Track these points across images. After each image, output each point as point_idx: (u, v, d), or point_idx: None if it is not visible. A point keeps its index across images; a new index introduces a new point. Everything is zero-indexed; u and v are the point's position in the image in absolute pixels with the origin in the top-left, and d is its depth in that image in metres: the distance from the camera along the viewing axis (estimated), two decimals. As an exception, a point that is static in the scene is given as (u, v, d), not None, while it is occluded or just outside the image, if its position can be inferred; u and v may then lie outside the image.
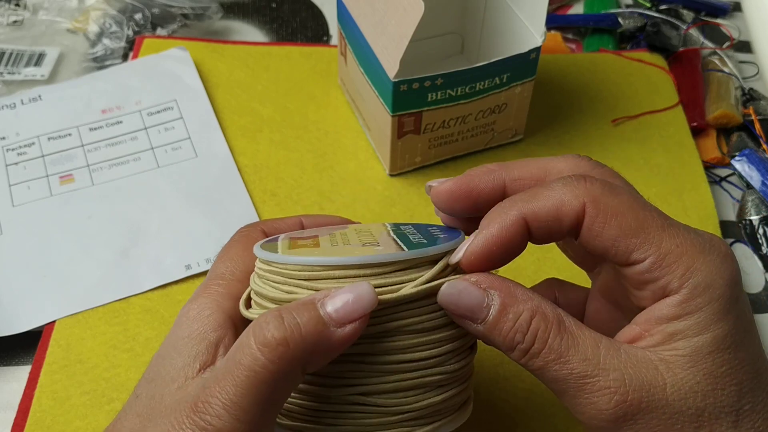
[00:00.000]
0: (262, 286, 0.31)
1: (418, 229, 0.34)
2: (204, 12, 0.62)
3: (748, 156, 0.54)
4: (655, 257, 0.28)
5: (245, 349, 0.27)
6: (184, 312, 0.32)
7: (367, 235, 0.32)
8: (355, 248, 0.30)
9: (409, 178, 0.53)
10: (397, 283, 0.29)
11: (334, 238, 0.32)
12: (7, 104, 0.55)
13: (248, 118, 0.55)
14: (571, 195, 0.29)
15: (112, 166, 0.52)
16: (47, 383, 0.42)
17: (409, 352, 0.30)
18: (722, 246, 0.29)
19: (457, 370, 0.31)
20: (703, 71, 0.60)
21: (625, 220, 0.28)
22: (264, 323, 0.28)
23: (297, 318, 0.28)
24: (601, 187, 0.29)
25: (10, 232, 0.48)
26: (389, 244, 0.31)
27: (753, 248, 0.51)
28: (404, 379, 0.30)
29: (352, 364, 0.30)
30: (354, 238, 0.32)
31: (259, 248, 0.32)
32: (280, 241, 0.33)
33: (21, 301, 0.45)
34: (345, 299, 0.28)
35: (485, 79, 0.48)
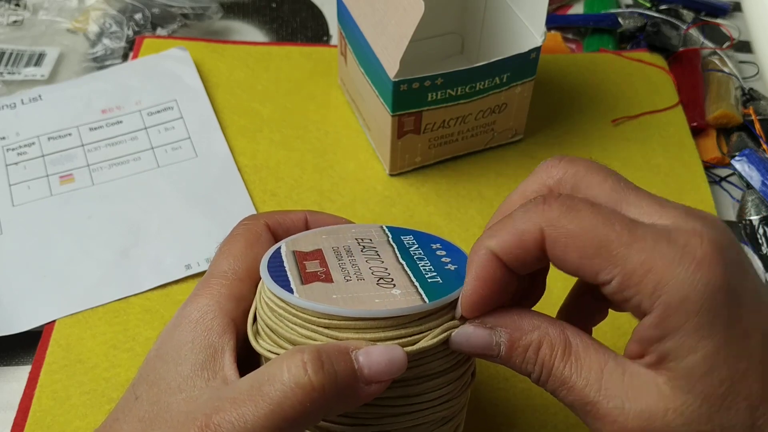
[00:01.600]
0: (276, 323, 0.30)
1: (422, 247, 0.34)
2: (204, 12, 0.62)
3: (748, 156, 0.54)
4: (621, 277, 0.26)
5: (277, 384, 0.27)
6: (186, 313, 0.32)
7: (373, 258, 0.32)
8: (372, 291, 0.30)
9: (409, 178, 0.53)
10: (417, 333, 0.29)
11: (343, 265, 0.32)
12: (7, 104, 0.55)
13: (248, 118, 0.56)
14: (529, 222, 0.28)
15: (112, 166, 0.52)
16: (47, 383, 0.42)
17: (423, 395, 0.30)
18: (698, 249, 0.26)
19: (462, 402, 0.33)
20: (703, 71, 0.60)
21: (584, 241, 0.27)
22: (300, 362, 0.27)
23: (335, 366, 0.27)
24: (559, 208, 0.27)
25: (10, 232, 0.49)
26: (404, 283, 0.31)
27: (753, 248, 0.51)
28: (417, 417, 0.31)
29: (369, 407, 0.30)
30: (363, 264, 0.32)
31: (270, 278, 0.31)
32: (285, 259, 0.32)
33: (21, 301, 0.45)
34: (380, 360, 0.28)
35: (485, 79, 0.48)
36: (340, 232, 0.35)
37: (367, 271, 0.31)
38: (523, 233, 0.28)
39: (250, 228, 0.35)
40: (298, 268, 0.31)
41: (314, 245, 0.33)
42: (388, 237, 0.35)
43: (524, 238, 0.28)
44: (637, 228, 0.27)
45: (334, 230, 0.35)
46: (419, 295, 0.30)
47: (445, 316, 0.30)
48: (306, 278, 0.31)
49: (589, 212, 0.27)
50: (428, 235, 0.35)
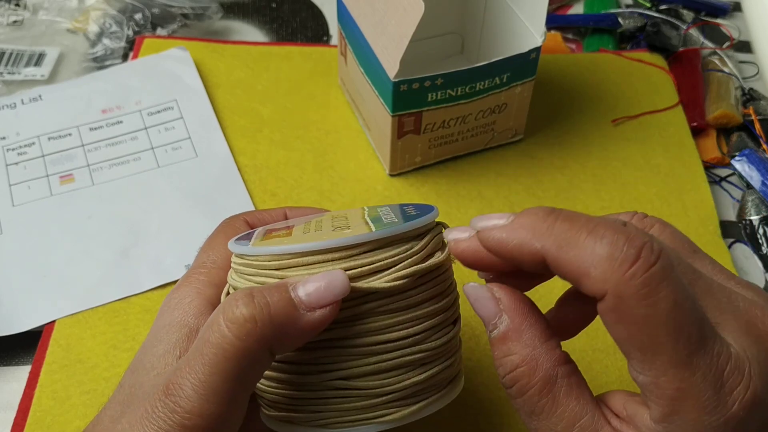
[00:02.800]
0: (236, 279, 0.31)
1: (393, 209, 0.33)
2: (204, 12, 0.62)
3: (748, 156, 0.55)
4: (649, 380, 0.24)
5: (214, 326, 0.27)
6: (166, 302, 0.33)
7: (341, 220, 0.32)
8: (325, 234, 0.30)
9: (409, 178, 0.53)
10: (367, 264, 0.29)
11: (307, 226, 0.32)
12: (7, 104, 0.55)
13: (248, 118, 0.56)
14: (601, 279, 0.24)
15: (112, 166, 0.52)
16: (47, 383, 0.42)
17: (385, 333, 0.29)
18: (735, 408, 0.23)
19: (439, 347, 0.30)
20: (703, 71, 0.60)
21: (640, 332, 0.24)
22: (233, 300, 0.28)
23: (267, 297, 0.28)
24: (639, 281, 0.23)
25: (10, 232, 0.49)
26: (360, 226, 0.30)
27: (753, 248, 0.51)
28: (383, 360, 0.29)
29: (329, 350, 0.30)
30: (327, 224, 0.32)
31: (233, 242, 0.32)
32: (255, 234, 0.33)
33: (21, 301, 0.45)
34: (317, 285, 0.28)
35: (485, 79, 0.48)
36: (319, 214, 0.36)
37: (328, 226, 0.31)
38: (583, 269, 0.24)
39: (230, 223, 0.36)
40: (264, 236, 0.32)
41: (287, 224, 0.34)
42: (364, 210, 0.34)
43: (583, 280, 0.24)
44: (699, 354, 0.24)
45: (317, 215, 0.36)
46: (369, 229, 0.29)
47: (401, 248, 0.29)
48: (266, 237, 0.31)
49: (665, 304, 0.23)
50: (405, 204, 0.35)
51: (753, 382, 0.24)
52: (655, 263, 0.23)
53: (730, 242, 0.51)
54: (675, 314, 0.23)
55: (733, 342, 0.24)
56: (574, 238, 0.25)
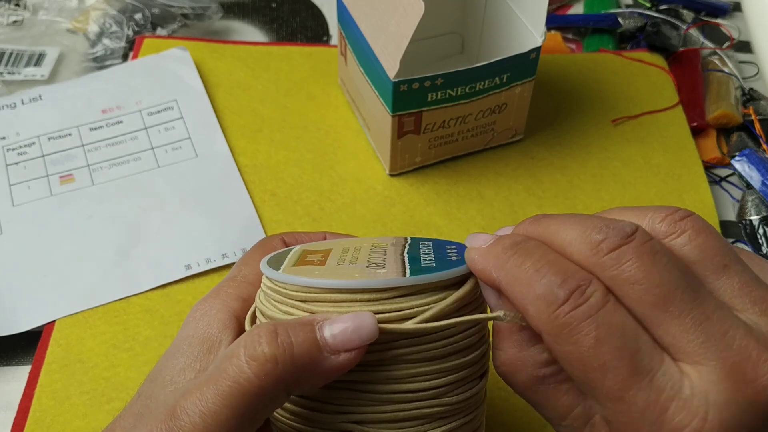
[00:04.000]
0: (263, 303, 0.30)
1: (435, 247, 0.32)
2: (204, 12, 0.62)
3: (748, 156, 0.54)
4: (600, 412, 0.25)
5: (233, 359, 0.27)
6: (192, 312, 0.32)
7: (378, 254, 0.31)
8: (358, 269, 0.29)
9: (409, 178, 0.53)
10: (397, 310, 0.28)
11: (344, 254, 0.31)
12: (8, 104, 0.55)
13: (248, 118, 0.56)
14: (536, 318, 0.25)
15: (113, 166, 0.52)
16: (47, 383, 0.42)
17: (406, 382, 0.28)
18: None
19: (461, 401, 0.29)
20: (703, 71, 0.60)
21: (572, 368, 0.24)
22: (257, 336, 0.27)
23: (291, 337, 0.27)
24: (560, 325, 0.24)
25: (10, 232, 0.49)
26: (395, 266, 0.29)
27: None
28: (401, 410, 0.29)
29: (348, 391, 0.29)
30: (364, 256, 0.31)
31: (265, 264, 0.31)
32: (291, 253, 0.32)
33: (21, 301, 0.45)
34: (344, 327, 0.27)
35: (485, 79, 0.48)
36: (359, 240, 0.34)
37: (363, 260, 0.30)
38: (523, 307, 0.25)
39: (266, 242, 0.35)
40: (299, 257, 0.31)
41: (327, 246, 0.33)
42: (406, 241, 0.33)
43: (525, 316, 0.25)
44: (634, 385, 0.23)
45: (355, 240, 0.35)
46: (403, 270, 0.29)
47: (436, 296, 0.28)
48: (299, 263, 0.30)
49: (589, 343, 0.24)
50: (448, 242, 0.34)
51: (709, 428, 0.23)
52: (582, 304, 0.24)
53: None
54: (598, 350, 0.24)
55: (693, 380, 0.23)
56: (521, 275, 0.25)
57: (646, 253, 0.24)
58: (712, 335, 0.24)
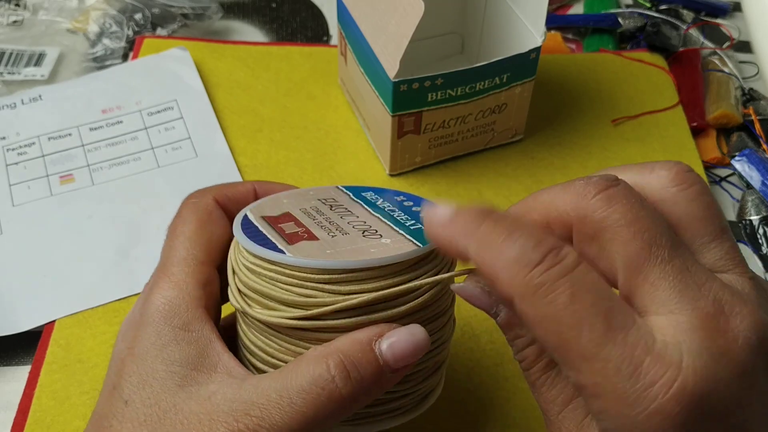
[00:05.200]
0: (268, 286, 0.30)
1: (393, 204, 0.34)
2: (204, 12, 0.62)
3: (748, 156, 0.55)
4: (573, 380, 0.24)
5: (304, 394, 0.27)
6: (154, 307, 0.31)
7: (352, 219, 0.32)
8: (362, 243, 0.30)
9: (409, 178, 0.53)
10: (416, 277, 0.29)
11: (322, 225, 0.32)
12: (7, 104, 0.55)
13: (248, 118, 0.56)
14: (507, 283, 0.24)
15: (113, 166, 0.52)
16: (47, 383, 0.42)
17: None
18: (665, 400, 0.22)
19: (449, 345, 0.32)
20: (703, 71, 0.60)
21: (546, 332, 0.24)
22: (328, 374, 0.27)
23: (361, 372, 0.28)
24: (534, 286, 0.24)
25: (10, 232, 0.49)
26: (392, 235, 0.30)
27: (753, 248, 0.51)
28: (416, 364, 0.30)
29: None
30: (343, 223, 0.32)
31: (251, 242, 0.30)
32: (261, 227, 0.31)
33: (21, 301, 0.45)
34: (405, 348, 0.28)
35: (485, 79, 0.48)
36: (300, 196, 0.34)
37: (347, 226, 0.31)
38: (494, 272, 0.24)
39: (200, 206, 0.34)
40: (276, 231, 0.31)
41: (280, 210, 0.33)
42: (349, 195, 0.34)
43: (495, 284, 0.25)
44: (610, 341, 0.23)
45: (292, 194, 0.34)
46: (410, 241, 0.30)
47: (436, 260, 0.30)
48: (289, 239, 0.30)
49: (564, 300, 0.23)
50: (387, 190, 0.35)
51: (684, 375, 0.23)
52: (556, 264, 0.24)
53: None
54: (573, 308, 0.23)
55: (665, 333, 0.23)
56: (492, 241, 0.25)
57: (634, 198, 0.25)
58: (689, 285, 0.24)
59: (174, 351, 0.30)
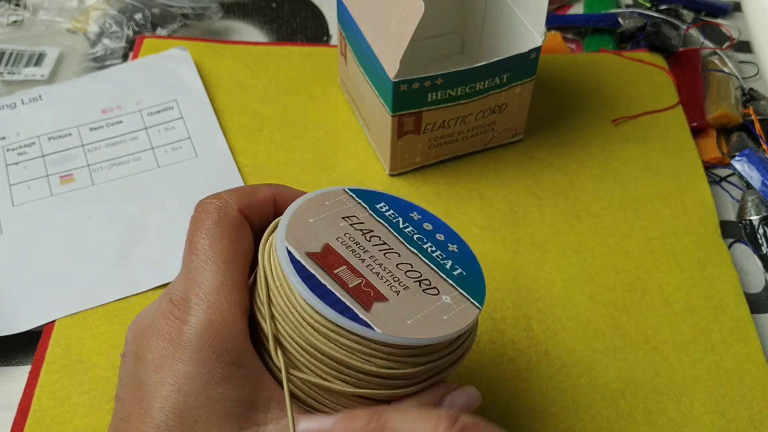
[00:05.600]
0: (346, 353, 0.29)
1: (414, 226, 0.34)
2: (204, 12, 0.62)
3: (748, 156, 0.55)
4: None
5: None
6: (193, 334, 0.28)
7: (396, 259, 0.32)
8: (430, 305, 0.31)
9: (409, 178, 0.53)
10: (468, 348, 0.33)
11: (373, 269, 0.31)
12: (8, 104, 0.55)
13: (248, 118, 0.56)
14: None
15: (113, 166, 0.52)
16: (47, 383, 0.42)
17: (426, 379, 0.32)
18: None
19: None
20: (703, 71, 0.60)
21: None
22: None
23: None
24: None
25: (10, 232, 0.49)
26: (447, 290, 0.32)
27: (753, 248, 0.51)
28: None
29: None
30: (392, 266, 0.32)
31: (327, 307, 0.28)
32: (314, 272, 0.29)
33: (21, 301, 0.45)
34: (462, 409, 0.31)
35: (485, 79, 0.48)
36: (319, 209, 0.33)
37: (400, 274, 0.31)
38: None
39: (227, 220, 0.31)
40: (336, 282, 0.29)
41: (317, 239, 0.31)
42: (366, 209, 0.34)
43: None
44: None
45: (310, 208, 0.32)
46: (467, 299, 0.32)
47: None
48: (361, 299, 0.29)
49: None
50: (396, 199, 0.35)
51: None
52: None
53: (730, 242, 0.51)
54: None
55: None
56: None
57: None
58: None
59: (229, 390, 0.28)
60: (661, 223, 0.51)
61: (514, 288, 0.47)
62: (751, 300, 0.48)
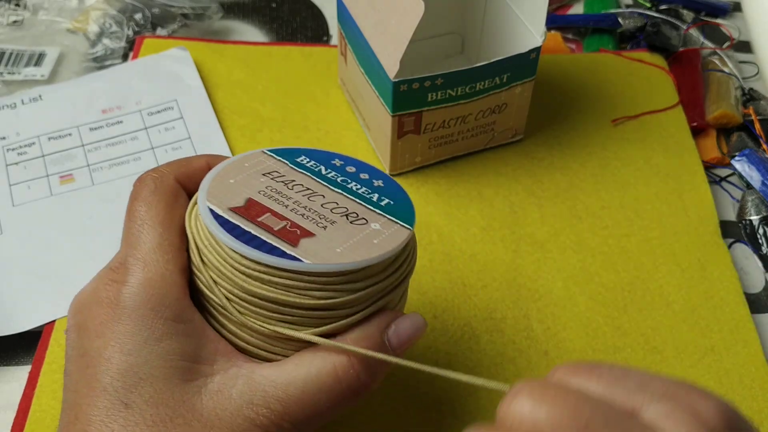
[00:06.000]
0: (282, 292, 0.29)
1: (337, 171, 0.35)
2: (204, 12, 0.62)
3: (748, 156, 0.55)
4: None
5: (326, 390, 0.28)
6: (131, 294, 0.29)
7: (320, 199, 0.33)
8: (359, 233, 0.31)
9: (409, 178, 0.53)
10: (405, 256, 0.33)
11: (299, 212, 0.31)
12: (8, 104, 0.55)
13: (248, 118, 0.56)
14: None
15: (113, 166, 0.52)
16: (47, 383, 0.42)
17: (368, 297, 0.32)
18: None
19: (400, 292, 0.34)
20: (703, 71, 0.60)
21: None
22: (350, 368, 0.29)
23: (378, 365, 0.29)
24: None
25: (10, 232, 0.49)
26: (375, 218, 0.32)
27: (753, 248, 0.51)
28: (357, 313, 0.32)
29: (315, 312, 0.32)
30: (317, 207, 0.32)
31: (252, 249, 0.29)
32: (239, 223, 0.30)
33: (21, 301, 0.45)
34: (408, 335, 0.30)
35: (485, 79, 0.48)
36: (238, 171, 0.33)
37: (325, 211, 0.32)
38: None
39: (164, 187, 0.32)
40: (261, 228, 0.30)
41: (237, 195, 0.31)
42: (287, 164, 0.34)
43: None
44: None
45: (230, 171, 0.33)
46: (395, 222, 0.32)
47: None
48: (287, 238, 0.30)
49: None
50: (317, 151, 0.36)
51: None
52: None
53: (730, 242, 0.51)
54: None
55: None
56: None
57: None
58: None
59: (171, 344, 0.28)
60: (661, 223, 0.51)
61: (514, 288, 0.47)
62: (751, 300, 0.48)
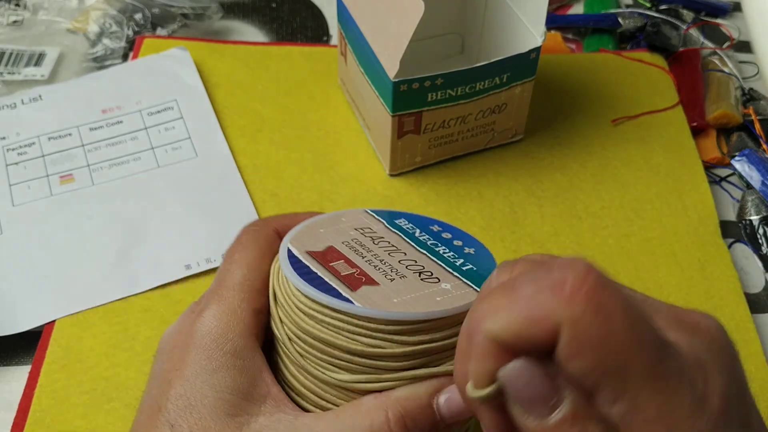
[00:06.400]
0: (332, 334, 0.29)
1: (431, 236, 0.34)
2: (204, 12, 0.62)
3: (748, 156, 0.55)
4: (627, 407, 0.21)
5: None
6: (204, 329, 0.30)
7: (401, 257, 0.32)
8: (424, 289, 0.30)
9: (409, 178, 0.53)
10: None
11: (373, 264, 0.31)
12: (8, 104, 0.55)
13: (248, 118, 0.55)
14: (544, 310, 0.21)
15: (112, 166, 0.52)
16: (47, 383, 0.42)
17: None
18: None
19: None
20: (703, 71, 0.60)
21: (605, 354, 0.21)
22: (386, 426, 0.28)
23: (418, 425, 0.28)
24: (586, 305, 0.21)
25: (10, 231, 0.49)
26: (449, 278, 0.31)
27: (753, 248, 0.51)
28: None
29: None
30: (394, 262, 0.31)
31: (310, 286, 0.29)
32: (310, 265, 0.30)
33: (21, 301, 0.45)
34: (461, 404, 0.28)
35: (485, 79, 0.48)
36: (332, 223, 0.34)
37: (401, 267, 0.31)
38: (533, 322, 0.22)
39: (260, 235, 0.33)
40: (329, 272, 0.30)
41: (321, 243, 0.32)
42: (383, 223, 0.34)
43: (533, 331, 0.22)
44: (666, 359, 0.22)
45: (324, 221, 0.34)
46: (468, 285, 0.30)
47: None
48: (350, 283, 0.29)
49: (621, 317, 0.21)
50: (418, 216, 0.35)
51: (712, 372, 0.22)
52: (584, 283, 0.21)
53: (730, 242, 0.51)
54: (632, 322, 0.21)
55: (675, 339, 0.23)
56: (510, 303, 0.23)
57: None
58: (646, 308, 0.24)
59: (225, 377, 0.29)
60: (661, 223, 0.51)
61: (514, 288, 0.47)
62: (751, 300, 0.48)
